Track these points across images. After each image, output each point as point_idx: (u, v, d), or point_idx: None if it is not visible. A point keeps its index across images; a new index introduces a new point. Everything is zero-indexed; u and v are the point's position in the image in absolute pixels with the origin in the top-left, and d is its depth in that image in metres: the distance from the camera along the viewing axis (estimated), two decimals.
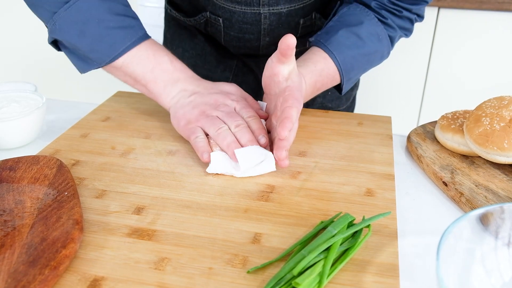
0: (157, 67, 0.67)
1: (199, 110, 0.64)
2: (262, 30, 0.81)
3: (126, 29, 0.66)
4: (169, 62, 0.67)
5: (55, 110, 0.82)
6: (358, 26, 0.72)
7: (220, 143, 0.61)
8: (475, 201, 0.55)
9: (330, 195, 0.56)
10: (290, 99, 0.60)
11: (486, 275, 0.43)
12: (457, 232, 0.41)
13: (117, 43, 0.65)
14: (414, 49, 1.69)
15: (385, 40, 0.75)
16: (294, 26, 0.82)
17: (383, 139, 0.69)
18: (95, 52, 0.66)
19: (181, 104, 0.66)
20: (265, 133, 0.63)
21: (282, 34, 0.80)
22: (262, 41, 0.83)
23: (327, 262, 0.43)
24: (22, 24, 2.05)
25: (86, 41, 0.65)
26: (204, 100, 0.65)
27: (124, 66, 0.67)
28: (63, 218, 0.49)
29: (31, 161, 0.59)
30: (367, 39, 0.72)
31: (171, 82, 0.67)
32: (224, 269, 0.45)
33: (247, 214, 0.53)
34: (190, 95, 0.66)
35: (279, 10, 0.78)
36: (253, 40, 0.83)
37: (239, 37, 0.83)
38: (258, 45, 0.84)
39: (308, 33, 0.86)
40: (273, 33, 0.82)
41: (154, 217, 0.52)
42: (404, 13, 0.75)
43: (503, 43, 1.62)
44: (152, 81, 0.67)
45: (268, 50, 0.86)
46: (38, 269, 0.43)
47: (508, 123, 0.60)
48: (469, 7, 1.57)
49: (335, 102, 0.96)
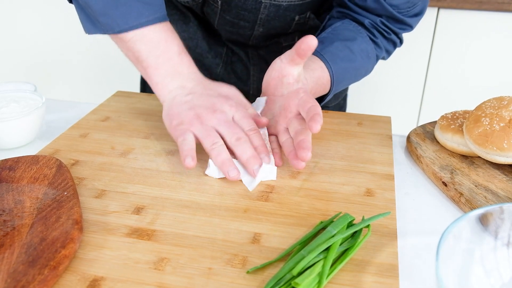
0: (164, 54, 0.64)
1: (195, 113, 0.61)
2: (259, 19, 0.81)
3: (146, 4, 0.62)
4: (177, 53, 0.65)
5: (55, 110, 0.81)
6: (352, 41, 0.73)
7: (214, 158, 0.58)
8: (474, 201, 0.55)
9: (330, 195, 0.56)
10: (310, 99, 0.59)
11: (486, 275, 0.43)
12: (456, 232, 0.41)
13: (132, 15, 0.61)
14: (414, 49, 1.69)
15: (373, 59, 0.77)
16: (289, 21, 0.83)
17: (383, 139, 0.69)
18: (106, 16, 0.62)
19: (176, 101, 0.63)
20: (267, 152, 0.60)
21: (276, 26, 0.82)
22: (255, 30, 0.83)
23: (327, 262, 0.43)
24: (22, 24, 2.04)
25: (100, 2, 0.61)
26: (201, 102, 0.62)
27: (131, 42, 0.63)
28: (63, 218, 0.49)
29: (30, 161, 0.59)
30: (358, 54, 0.73)
31: (172, 74, 0.64)
32: (224, 269, 0.45)
33: (246, 214, 0.53)
34: (188, 94, 0.64)
35: (279, 3, 0.78)
36: (246, 28, 0.83)
37: (233, 22, 0.82)
38: (250, 34, 0.84)
39: (298, 30, 0.86)
40: (268, 24, 0.82)
41: (153, 217, 0.52)
42: (391, 35, 0.78)
43: (502, 43, 1.62)
44: (153, 66, 0.64)
45: (257, 41, 0.86)
46: (37, 269, 0.43)
47: (508, 123, 0.60)
48: (468, 8, 1.57)
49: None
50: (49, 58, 2.08)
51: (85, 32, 0.67)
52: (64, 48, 2.01)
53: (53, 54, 2.06)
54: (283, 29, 0.84)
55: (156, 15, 0.63)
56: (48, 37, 2.01)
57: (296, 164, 0.58)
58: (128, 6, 0.61)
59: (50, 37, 2.00)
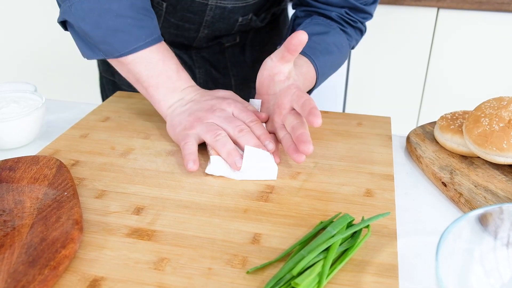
0: (163, 73, 0.66)
1: (195, 117, 0.63)
2: (204, 21, 0.83)
3: (143, 28, 0.65)
4: (175, 71, 0.67)
5: (55, 110, 0.82)
6: (326, 34, 0.75)
7: (219, 150, 0.59)
8: (474, 202, 0.55)
9: (330, 196, 0.56)
10: (303, 93, 0.60)
11: (485, 275, 0.43)
12: (456, 232, 0.41)
13: (131, 40, 0.64)
14: (414, 49, 1.69)
15: (346, 48, 0.80)
16: (233, 23, 0.85)
17: (383, 139, 0.69)
18: (106, 44, 0.64)
19: (177, 112, 0.65)
20: (271, 138, 0.62)
21: (221, 28, 0.85)
22: (200, 32, 0.85)
23: (327, 262, 0.43)
24: (22, 25, 2.05)
25: (99, 32, 0.63)
26: (199, 106, 0.64)
27: (131, 64, 0.66)
28: (63, 218, 0.49)
29: (30, 161, 0.59)
30: (334, 46, 0.76)
31: (171, 91, 0.67)
32: (224, 270, 0.45)
33: (246, 214, 0.53)
34: (187, 103, 0.66)
35: (224, 5, 0.80)
36: (192, 30, 0.84)
37: (178, 25, 0.83)
38: (195, 36, 0.85)
39: (241, 31, 0.89)
40: (213, 26, 0.84)
41: (153, 217, 0.52)
42: (358, 24, 0.80)
43: (502, 43, 1.62)
44: (154, 86, 0.66)
45: (201, 43, 0.88)
46: (37, 269, 0.43)
47: (507, 123, 0.60)
48: (468, 8, 1.57)
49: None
50: (49, 58, 2.08)
51: (84, 57, 0.69)
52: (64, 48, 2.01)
53: (53, 55, 2.06)
54: (227, 30, 0.87)
55: (153, 37, 0.66)
56: (48, 37, 2.01)
57: (296, 157, 0.58)
58: (126, 32, 0.64)
59: (50, 37, 2.00)
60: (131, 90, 0.96)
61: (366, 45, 1.72)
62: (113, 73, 0.98)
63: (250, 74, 0.94)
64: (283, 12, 0.97)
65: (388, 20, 1.66)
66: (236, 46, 0.90)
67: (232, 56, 0.92)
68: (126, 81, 0.95)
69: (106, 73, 1.00)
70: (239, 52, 0.92)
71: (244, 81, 0.95)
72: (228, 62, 0.92)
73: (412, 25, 1.65)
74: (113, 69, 0.97)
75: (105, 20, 0.62)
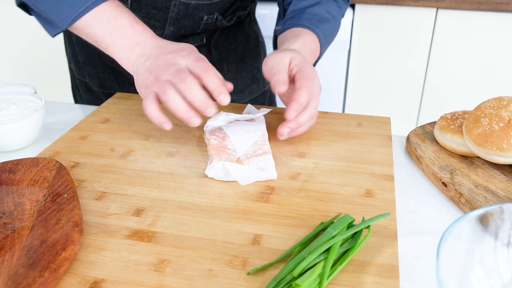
0: (116, 30, 0.65)
1: (154, 75, 0.62)
2: (169, 18, 0.83)
3: None
4: (129, 25, 0.66)
5: (54, 112, 0.81)
6: (318, 5, 0.79)
7: (172, 111, 0.58)
8: (474, 202, 0.55)
9: (330, 196, 0.56)
10: (301, 79, 0.62)
11: (486, 275, 0.43)
12: (456, 232, 0.41)
13: (77, 3, 0.64)
14: (413, 49, 1.69)
15: (339, 16, 0.83)
16: (197, 21, 0.86)
17: (383, 140, 0.69)
18: (56, 13, 0.65)
19: (139, 71, 0.64)
20: (226, 91, 0.60)
21: (186, 25, 0.86)
22: (166, 29, 0.86)
23: (327, 263, 0.43)
24: (21, 27, 2.05)
25: (46, 2, 0.64)
26: (157, 63, 0.63)
27: (86, 28, 0.65)
28: (63, 220, 0.49)
29: (30, 163, 0.59)
30: (328, 15, 0.79)
31: (130, 47, 0.65)
32: (224, 271, 0.45)
33: (247, 215, 0.53)
34: (146, 60, 0.64)
35: (188, 1, 0.81)
36: (157, 28, 0.85)
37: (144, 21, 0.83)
38: (161, 33, 0.86)
39: (207, 31, 0.90)
40: (178, 24, 0.85)
41: (153, 218, 0.52)
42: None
43: (501, 43, 1.62)
44: (111, 44, 0.66)
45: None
46: (38, 271, 0.43)
47: (507, 123, 0.60)
48: (467, 8, 1.57)
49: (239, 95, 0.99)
50: (49, 60, 2.08)
51: (50, 35, 0.69)
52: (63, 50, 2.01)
53: (53, 57, 2.06)
54: (193, 29, 0.87)
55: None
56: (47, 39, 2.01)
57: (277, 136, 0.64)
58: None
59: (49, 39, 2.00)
60: (102, 91, 0.96)
61: (366, 46, 1.72)
62: (84, 75, 0.98)
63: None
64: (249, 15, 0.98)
65: (387, 21, 1.66)
66: (203, 47, 0.91)
67: None
68: (97, 82, 0.95)
69: (79, 75, 1.00)
70: (206, 52, 0.92)
71: None
72: None
73: (411, 25, 1.65)
74: (85, 71, 0.96)
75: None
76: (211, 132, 0.64)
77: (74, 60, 1.00)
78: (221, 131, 0.64)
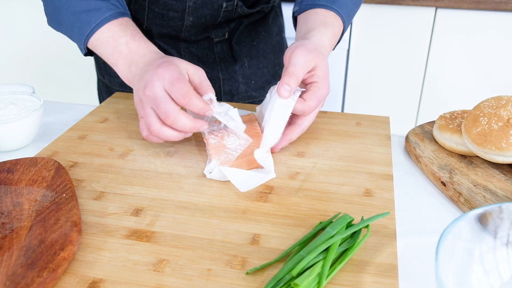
0: (115, 50, 0.66)
1: (141, 103, 0.61)
2: (187, 7, 0.83)
3: (90, 12, 0.66)
4: (124, 44, 0.66)
5: (53, 112, 0.81)
6: None
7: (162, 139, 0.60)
8: (473, 201, 0.55)
9: (329, 196, 0.56)
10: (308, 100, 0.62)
11: (485, 275, 0.43)
12: (456, 232, 0.41)
13: (84, 26, 0.66)
14: (412, 49, 1.69)
15: None
16: (217, 8, 0.85)
17: (382, 139, 0.69)
18: (72, 37, 0.69)
19: (134, 91, 0.64)
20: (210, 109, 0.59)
21: (205, 14, 0.85)
22: (186, 20, 0.85)
23: (326, 262, 0.43)
24: (20, 27, 2.04)
25: (63, 28, 0.69)
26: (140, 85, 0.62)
27: (95, 49, 0.68)
28: (61, 220, 0.49)
29: (29, 163, 0.59)
30: None
31: (127, 66, 0.66)
32: (223, 271, 0.45)
33: (245, 215, 0.53)
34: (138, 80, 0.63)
35: None
36: (176, 19, 0.85)
37: (163, 14, 0.83)
38: (181, 24, 0.86)
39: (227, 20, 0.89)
40: (197, 13, 0.84)
41: (152, 218, 0.52)
42: None
43: (500, 42, 1.62)
44: (114, 64, 0.67)
45: (189, 34, 0.88)
46: (36, 271, 0.43)
47: (506, 123, 0.60)
48: (466, 7, 1.57)
49: (259, 91, 0.98)
50: (47, 60, 2.08)
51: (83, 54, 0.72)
52: (62, 50, 2.01)
53: (51, 56, 2.06)
54: (213, 18, 0.86)
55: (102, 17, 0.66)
56: (46, 39, 2.01)
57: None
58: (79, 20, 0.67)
59: (48, 39, 2.00)
60: (122, 90, 0.96)
61: (365, 45, 1.72)
62: (104, 76, 0.98)
63: (237, 69, 0.95)
64: (273, 9, 0.97)
65: (386, 20, 1.66)
66: (225, 42, 0.91)
67: (221, 51, 0.93)
68: (118, 82, 0.95)
69: (100, 76, 1.01)
70: (227, 48, 0.92)
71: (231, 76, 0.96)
72: (216, 57, 0.93)
73: (410, 24, 1.65)
74: (105, 72, 0.97)
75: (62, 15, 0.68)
76: (210, 131, 0.64)
77: (96, 61, 1.01)
78: (221, 131, 0.64)
